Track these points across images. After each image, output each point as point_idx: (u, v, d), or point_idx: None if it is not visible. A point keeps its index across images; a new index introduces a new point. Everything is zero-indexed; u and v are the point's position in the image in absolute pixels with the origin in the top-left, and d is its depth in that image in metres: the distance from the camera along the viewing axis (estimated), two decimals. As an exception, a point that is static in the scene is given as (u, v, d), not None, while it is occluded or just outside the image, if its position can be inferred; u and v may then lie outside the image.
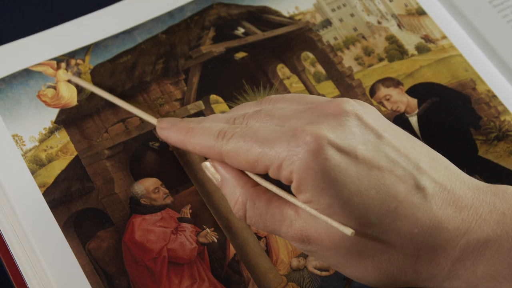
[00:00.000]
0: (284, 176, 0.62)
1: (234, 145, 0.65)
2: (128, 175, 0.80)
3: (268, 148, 0.63)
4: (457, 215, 0.63)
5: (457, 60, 0.88)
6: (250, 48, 0.89)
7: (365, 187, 0.61)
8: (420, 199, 0.62)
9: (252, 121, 0.67)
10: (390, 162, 0.62)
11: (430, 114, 0.85)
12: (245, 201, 0.66)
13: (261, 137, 0.63)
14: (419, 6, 0.92)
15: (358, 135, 0.63)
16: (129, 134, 0.82)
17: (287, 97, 0.70)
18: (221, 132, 0.66)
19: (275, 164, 0.62)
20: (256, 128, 0.65)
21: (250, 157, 0.64)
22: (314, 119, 0.63)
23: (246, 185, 0.66)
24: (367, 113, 0.65)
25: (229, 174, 0.67)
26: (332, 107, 0.64)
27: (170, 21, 0.89)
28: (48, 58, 0.86)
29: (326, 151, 0.60)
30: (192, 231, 0.77)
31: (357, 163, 0.61)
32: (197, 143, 0.68)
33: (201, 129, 0.68)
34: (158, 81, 0.85)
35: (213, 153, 0.67)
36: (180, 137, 0.70)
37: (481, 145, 0.83)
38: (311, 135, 0.61)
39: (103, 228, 0.76)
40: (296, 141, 0.61)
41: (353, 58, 0.89)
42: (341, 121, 0.63)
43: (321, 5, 0.92)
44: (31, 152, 0.80)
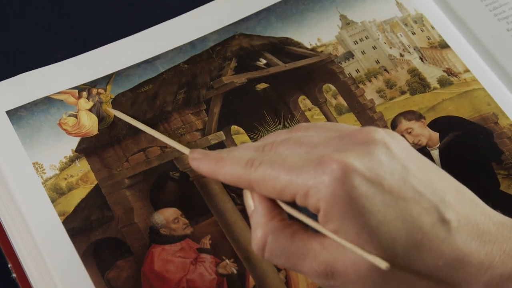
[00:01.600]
0: (311, 204, 0.62)
1: (262, 173, 0.64)
2: (148, 204, 0.79)
3: (295, 176, 0.62)
4: (481, 249, 0.62)
5: (479, 94, 0.88)
6: (271, 79, 0.89)
7: (392, 217, 0.60)
8: (445, 232, 0.61)
9: (281, 149, 0.66)
10: (416, 194, 0.62)
11: (451, 148, 0.85)
12: (267, 234, 0.66)
13: (288, 165, 0.63)
14: (441, 39, 0.92)
15: (385, 164, 0.62)
16: (150, 163, 0.82)
17: (318, 124, 0.69)
18: (250, 161, 0.65)
19: (302, 191, 0.62)
20: (284, 155, 0.64)
21: (278, 185, 0.63)
22: (341, 147, 0.63)
23: (273, 220, 0.66)
24: (396, 142, 0.64)
25: (261, 205, 0.66)
26: (360, 135, 0.64)
27: (192, 51, 0.89)
28: (69, 86, 0.86)
29: (352, 179, 0.60)
30: (211, 262, 0.76)
31: (383, 193, 0.60)
32: (227, 173, 0.67)
33: (230, 158, 0.67)
34: (179, 110, 0.85)
35: (242, 181, 0.66)
36: (211, 167, 0.68)
37: (503, 180, 0.83)
38: (337, 162, 0.60)
39: (122, 257, 0.76)
40: (322, 169, 0.61)
41: (375, 90, 0.88)
42: (369, 149, 0.62)
43: (343, 37, 0.92)
44: (51, 180, 0.80)
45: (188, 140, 0.83)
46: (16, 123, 0.82)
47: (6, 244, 0.76)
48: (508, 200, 0.81)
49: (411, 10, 0.94)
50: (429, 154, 0.84)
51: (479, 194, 0.68)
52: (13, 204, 0.78)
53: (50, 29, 0.93)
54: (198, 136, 0.84)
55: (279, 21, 0.92)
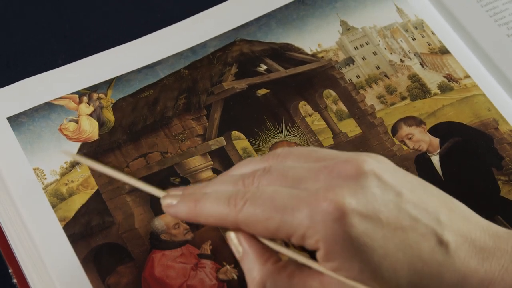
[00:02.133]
0: (310, 244, 0.60)
1: (250, 214, 0.61)
2: (149, 210, 0.79)
3: (289, 217, 0.60)
4: (480, 267, 0.62)
5: (480, 100, 0.88)
6: (272, 85, 0.89)
7: (392, 250, 0.60)
8: (444, 256, 0.61)
9: (264, 182, 0.63)
10: (412, 220, 0.61)
11: (452, 153, 0.85)
12: (265, 280, 0.64)
13: (279, 204, 0.60)
14: (442, 45, 0.92)
15: (379, 196, 0.61)
16: (150, 169, 0.82)
17: (295, 152, 0.66)
18: (231, 199, 0.62)
19: (299, 233, 0.60)
20: (271, 192, 0.61)
21: (271, 226, 0.61)
22: (332, 182, 0.61)
23: (266, 263, 0.63)
24: (385, 170, 0.63)
25: (251, 249, 0.63)
26: (350, 168, 0.62)
27: (192, 57, 0.89)
28: (70, 92, 0.86)
29: (351, 218, 0.59)
30: (212, 267, 0.76)
31: (381, 227, 0.60)
32: (208, 215, 0.63)
33: (209, 198, 0.63)
34: (180, 116, 0.85)
35: (228, 222, 0.63)
36: (189, 211, 0.64)
37: (503, 186, 0.83)
38: (334, 203, 0.59)
39: (123, 263, 0.76)
40: (318, 209, 0.59)
41: (375, 96, 0.89)
42: (362, 183, 0.61)
43: (344, 43, 0.92)
44: (52, 186, 0.80)
45: (188, 145, 0.83)
46: (17, 129, 0.82)
47: (6, 250, 0.76)
48: (509, 206, 0.81)
49: (411, 16, 0.94)
50: (429, 159, 0.84)
51: (479, 200, 0.69)
52: (14, 210, 0.78)
53: (50, 35, 0.93)
54: (198, 142, 0.84)
55: (279, 27, 0.92)
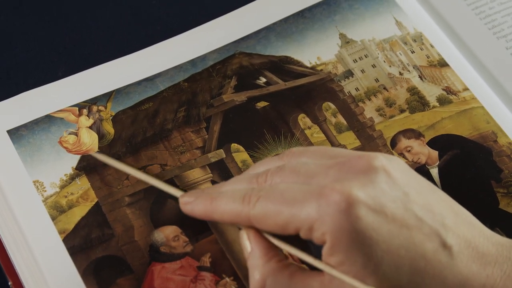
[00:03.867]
0: (317, 237, 0.61)
1: (262, 209, 0.63)
2: (148, 222, 0.80)
3: (298, 210, 0.61)
4: (482, 271, 0.62)
5: (478, 112, 0.88)
6: (271, 97, 0.89)
7: (396, 247, 0.60)
8: (447, 257, 0.61)
9: (277, 179, 0.65)
10: (417, 221, 0.61)
11: (451, 166, 0.85)
12: (266, 276, 0.65)
13: (289, 198, 0.62)
14: (441, 58, 0.92)
15: (387, 192, 0.62)
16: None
17: (310, 150, 0.68)
18: (246, 196, 0.64)
19: (306, 225, 0.61)
20: (282, 188, 0.63)
21: (280, 220, 0.62)
22: (342, 176, 0.62)
23: (270, 261, 0.64)
24: (395, 167, 0.64)
25: (258, 246, 0.65)
26: (360, 163, 0.63)
27: (192, 69, 0.90)
28: (70, 104, 0.86)
29: (358, 210, 0.59)
30: (211, 280, 0.76)
31: (387, 222, 0.60)
32: (223, 212, 0.65)
33: (224, 196, 0.66)
34: (180, 129, 0.85)
35: (241, 219, 0.64)
36: (206, 208, 0.67)
37: (502, 198, 0.83)
38: (341, 194, 0.60)
39: (122, 275, 0.76)
40: (326, 201, 0.60)
41: (374, 109, 0.89)
42: (371, 178, 0.62)
43: (343, 56, 0.92)
44: (51, 198, 0.80)
45: (188, 158, 0.83)
46: (17, 142, 0.82)
47: (6, 262, 0.76)
48: (507, 218, 0.82)
49: (410, 29, 0.94)
50: (428, 172, 0.84)
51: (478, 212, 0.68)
52: (13, 222, 0.78)
53: (50, 47, 0.94)
54: (198, 154, 0.84)
55: (279, 40, 0.92)
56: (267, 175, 0.66)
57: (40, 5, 0.97)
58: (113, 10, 0.98)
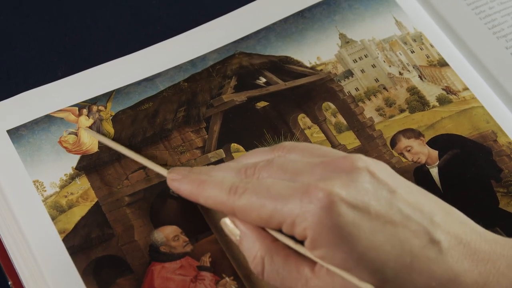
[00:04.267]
0: (298, 232, 0.63)
1: (247, 201, 0.65)
2: (148, 222, 0.80)
3: (281, 205, 0.63)
4: (474, 268, 0.63)
5: (478, 112, 0.88)
6: (271, 97, 0.89)
7: (380, 243, 0.61)
8: (436, 253, 0.62)
9: (264, 174, 0.67)
10: (403, 217, 0.62)
11: (451, 166, 0.85)
12: (263, 255, 0.66)
13: (274, 194, 0.64)
14: (440, 58, 0.92)
15: (370, 191, 0.63)
16: (150, 181, 0.82)
17: (301, 146, 0.70)
18: (233, 187, 0.66)
19: (289, 220, 0.63)
20: (269, 184, 0.65)
21: (264, 214, 0.64)
22: (326, 175, 0.64)
23: (265, 240, 0.66)
24: (380, 169, 0.65)
25: (249, 229, 0.67)
26: (344, 163, 0.65)
27: (192, 70, 0.90)
28: (70, 104, 0.86)
29: (339, 207, 0.61)
30: (211, 279, 0.76)
31: (370, 219, 0.61)
32: (209, 197, 0.68)
33: (212, 182, 0.68)
34: (179, 129, 0.85)
35: (225, 207, 0.67)
36: (192, 190, 0.70)
37: (502, 198, 0.83)
38: (323, 191, 0.61)
39: (122, 275, 0.76)
40: (308, 198, 0.62)
41: (374, 109, 0.89)
42: (353, 177, 0.63)
43: (343, 56, 0.92)
44: (51, 198, 0.80)
45: (188, 158, 0.83)
46: (16, 142, 0.82)
47: (6, 262, 0.76)
48: (507, 218, 0.82)
49: (410, 29, 0.94)
50: (428, 172, 0.84)
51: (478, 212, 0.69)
52: (13, 222, 0.78)
53: (50, 47, 0.94)
54: (198, 154, 0.84)
55: (279, 40, 0.92)
56: (255, 169, 0.68)
57: (40, 5, 0.97)
58: (113, 10, 0.98)
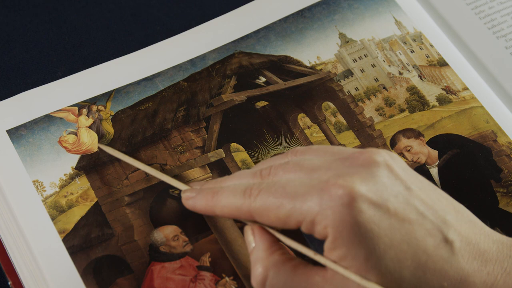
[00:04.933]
0: (318, 231, 0.61)
1: (263, 202, 0.63)
2: (148, 222, 0.79)
3: (300, 203, 0.61)
4: (483, 268, 0.62)
5: (478, 112, 0.88)
6: (271, 97, 0.89)
7: (398, 241, 0.60)
8: (448, 253, 0.62)
9: (280, 173, 0.65)
10: (419, 215, 0.62)
11: (450, 165, 0.85)
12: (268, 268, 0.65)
13: (290, 192, 0.62)
14: (440, 57, 0.92)
15: (389, 187, 0.62)
16: (149, 181, 0.82)
17: (314, 148, 0.68)
18: (247, 189, 0.64)
19: (308, 219, 0.61)
20: (284, 182, 0.63)
21: (282, 213, 0.62)
22: (344, 170, 0.62)
23: (274, 254, 0.65)
24: (397, 164, 0.64)
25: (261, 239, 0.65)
26: (362, 157, 0.63)
27: (191, 69, 0.89)
28: (69, 104, 0.86)
29: (360, 204, 0.60)
30: (211, 279, 0.76)
31: (389, 216, 0.60)
32: (224, 206, 0.66)
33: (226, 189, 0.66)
34: (179, 128, 0.85)
35: (242, 212, 0.65)
36: (207, 203, 0.67)
37: (502, 198, 0.83)
38: (343, 188, 0.60)
39: (122, 275, 0.76)
40: (328, 195, 0.60)
41: (374, 108, 0.89)
42: (372, 172, 0.62)
43: (342, 56, 0.92)
44: (51, 198, 0.80)
45: (188, 157, 0.83)
46: (16, 141, 0.82)
47: (6, 262, 0.76)
48: (507, 217, 0.82)
49: (410, 28, 0.94)
50: (428, 172, 0.84)
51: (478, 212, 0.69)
52: (13, 222, 0.78)
53: (50, 47, 0.94)
54: (197, 154, 0.84)
55: (278, 39, 0.92)
56: (270, 169, 0.66)
57: (40, 5, 0.97)
58: (112, 10, 0.98)
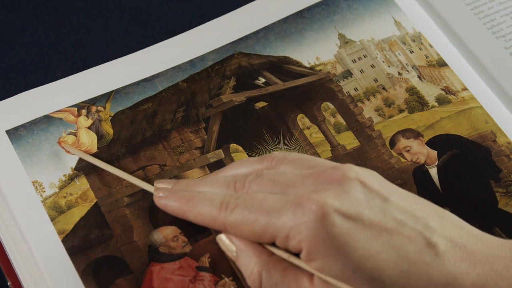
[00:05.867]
0: (293, 245, 0.63)
1: (238, 216, 0.65)
2: (147, 223, 0.79)
3: (274, 218, 0.63)
4: (472, 270, 0.63)
5: (477, 112, 0.88)
6: (270, 97, 0.89)
7: (376, 251, 0.61)
8: (432, 257, 0.62)
9: (255, 187, 0.67)
10: (398, 224, 0.62)
11: (450, 166, 0.85)
12: (260, 270, 0.66)
13: (266, 207, 0.63)
14: (439, 58, 0.92)
15: (363, 200, 0.63)
16: (149, 181, 0.82)
17: (291, 158, 0.69)
18: (224, 203, 0.66)
19: (282, 234, 0.63)
20: (260, 198, 0.65)
21: (257, 228, 0.64)
22: (318, 187, 0.64)
23: (262, 255, 0.66)
24: (371, 178, 0.65)
25: (245, 245, 0.66)
26: (335, 174, 0.65)
27: (191, 70, 0.90)
28: (69, 104, 0.86)
29: (332, 218, 0.61)
30: (210, 280, 0.76)
31: (364, 228, 0.61)
32: (199, 213, 0.68)
33: (202, 198, 0.68)
34: (179, 129, 0.85)
35: (216, 224, 0.67)
36: (181, 206, 0.69)
37: (501, 198, 0.83)
38: (316, 203, 0.61)
39: (121, 276, 0.76)
40: (302, 210, 0.62)
41: (373, 109, 0.89)
42: (345, 188, 0.63)
43: (342, 56, 0.92)
44: (50, 199, 0.80)
45: (187, 158, 0.83)
46: (15, 142, 0.82)
47: (5, 262, 0.76)
48: (506, 218, 0.82)
49: (409, 29, 0.94)
50: (427, 172, 0.84)
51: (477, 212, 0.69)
52: (12, 223, 0.78)
53: (49, 47, 0.94)
54: (197, 154, 0.84)
55: (278, 40, 0.92)
56: (245, 182, 0.67)
57: (39, 5, 0.97)
58: (112, 10, 0.98)
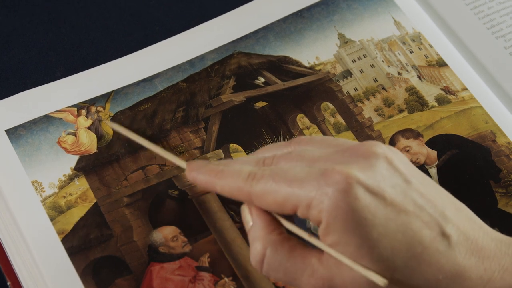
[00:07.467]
0: (313, 215, 0.61)
1: (263, 186, 0.63)
2: (147, 222, 0.79)
3: (297, 188, 0.62)
4: (480, 264, 0.63)
5: (477, 112, 0.88)
6: (270, 97, 0.89)
7: (393, 230, 0.60)
8: (445, 247, 0.62)
9: (282, 162, 0.65)
10: (417, 208, 0.62)
11: (449, 166, 0.85)
12: (266, 246, 0.65)
13: (290, 177, 0.62)
14: (439, 58, 0.92)
15: (387, 177, 0.62)
16: (149, 181, 0.82)
17: (317, 139, 0.69)
18: (251, 174, 0.65)
19: (304, 203, 0.61)
20: (286, 169, 0.64)
21: (279, 197, 0.63)
22: (344, 160, 0.63)
23: (272, 233, 0.66)
24: (397, 157, 0.65)
25: (260, 219, 0.66)
26: (362, 149, 0.64)
27: (190, 70, 0.90)
28: (68, 104, 0.86)
29: (356, 190, 0.60)
30: (210, 280, 0.76)
31: (385, 205, 0.61)
32: (225, 185, 0.66)
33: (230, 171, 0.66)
34: (178, 129, 0.85)
35: (242, 194, 0.65)
36: (209, 179, 0.67)
37: (501, 198, 0.83)
38: (340, 174, 0.60)
39: (121, 276, 0.76)
40: (325, 180, 0.61)
41: (373, 109, 0.89)
42: (371, 162, 0.62)
43: (341, 56, 0.92)
44: (50, 199, 0.80)
45: (187, 158, 0.83)
46: (15, 142, 0.82)
47: (5, 263, 0.76)
48: (506, 218, 0.82)
49: (409, 29, 0.94)
50: (427, 172, 0.84)
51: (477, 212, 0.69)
52: (12, 223, 0.78)
53: (49, 47, 0.94)
54: (197, 154, 0.84)
55: (277, 40, 0.92)
56: (273, 159, 0.66)
57: (39, 5, 0.97)
58: (112, 11, 0.98)
